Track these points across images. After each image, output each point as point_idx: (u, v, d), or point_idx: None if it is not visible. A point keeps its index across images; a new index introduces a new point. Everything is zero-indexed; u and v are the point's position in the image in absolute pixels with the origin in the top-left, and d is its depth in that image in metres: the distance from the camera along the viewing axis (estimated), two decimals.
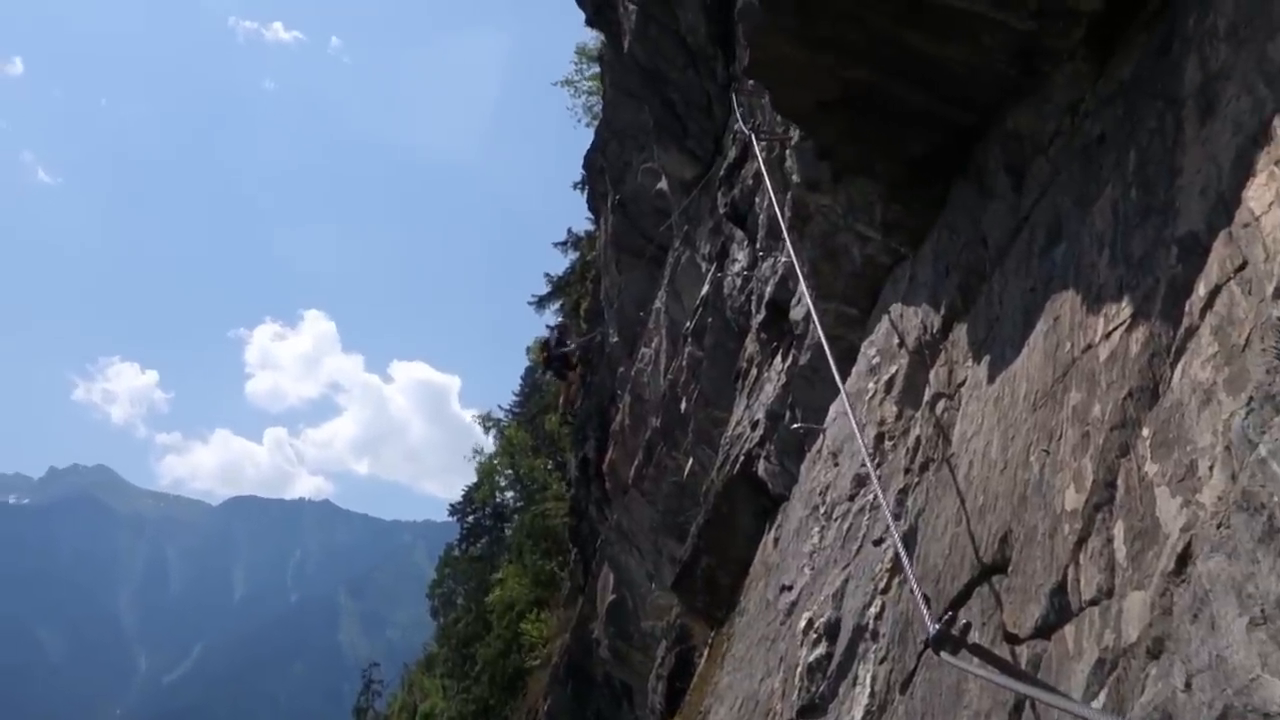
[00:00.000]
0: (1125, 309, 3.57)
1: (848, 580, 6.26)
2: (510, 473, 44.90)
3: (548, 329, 31.93)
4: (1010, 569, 3.94)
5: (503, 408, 48.90)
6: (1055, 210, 4.64)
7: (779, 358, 10.14)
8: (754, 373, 11.24)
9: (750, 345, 11.50)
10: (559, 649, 26.42)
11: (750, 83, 9.85)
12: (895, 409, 6.49)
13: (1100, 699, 2.94)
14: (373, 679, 61.10)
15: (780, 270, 9.94)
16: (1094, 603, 3.16)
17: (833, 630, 6.14)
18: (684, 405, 14.72)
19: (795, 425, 9.05)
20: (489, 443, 48.82)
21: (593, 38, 29.11)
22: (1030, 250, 4.85)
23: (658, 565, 16.46)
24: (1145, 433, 3.14)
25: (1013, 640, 3.69)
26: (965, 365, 5.54)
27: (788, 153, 8.33)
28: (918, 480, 5.67)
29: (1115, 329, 3.61)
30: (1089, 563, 3.26)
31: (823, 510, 7.47)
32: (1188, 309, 3.10)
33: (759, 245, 11.09)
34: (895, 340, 6.82)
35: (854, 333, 7.76)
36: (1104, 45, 4.53)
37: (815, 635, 6.33)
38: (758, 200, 11.12)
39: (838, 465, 7.53)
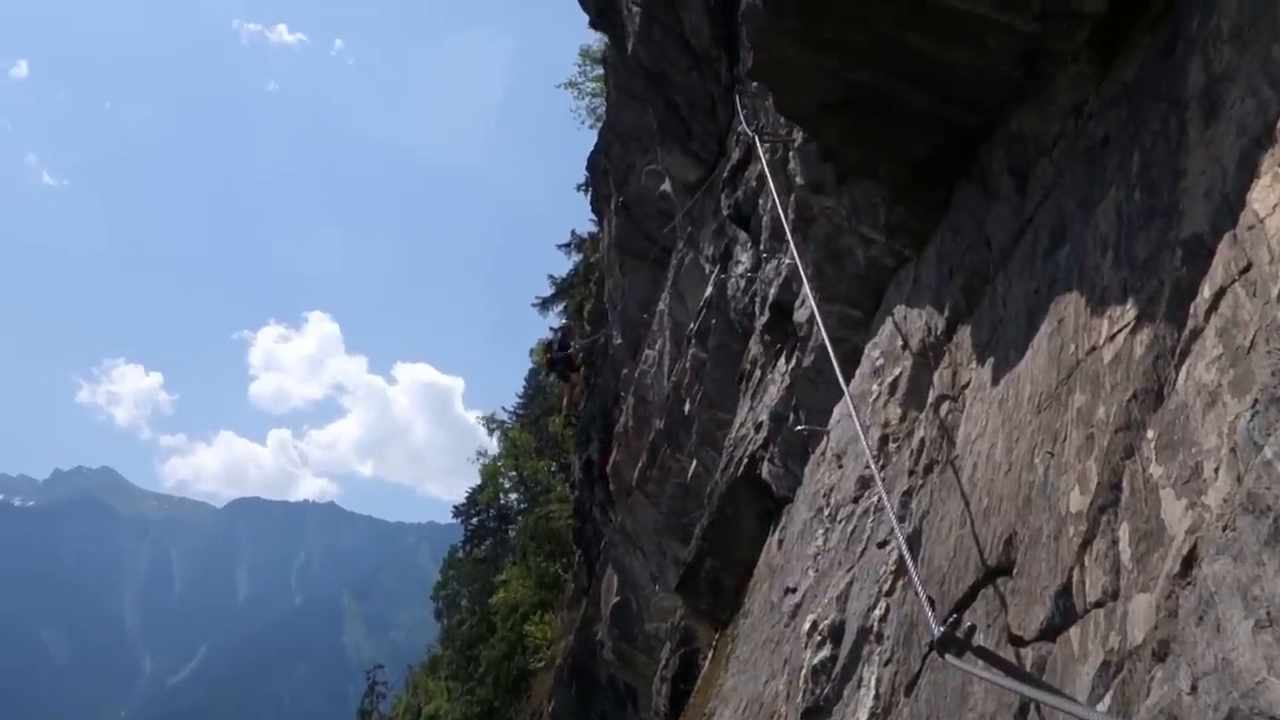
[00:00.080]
0: (1129, 311, 3.57)
1: (852, 582, 6.26)
2: (514, 475, 44.84)
3: (551, 331, 31.94)
4: (1015, 571, 3.94)
5: (506, 409, 48.85)
6: (1059, 212, 4.64)
7: (783, 359, 10.14)
8: (758, 374, 11.24)
9: (754, 347, 11.50)
10: (563, 651, 26.41)
11: (754, 85, 9.85)
12: (899, 411, 6.49)
13: (1105, 702, 2.94)
14: (377, 681, 61.09)
15: (784, 272, 9.94)
16: (1099, 605, 3.16)
17: (837, 632, 6.14)
18: (688, 407, 14.72)
19: (799, 427, 9.05)
20: (493, 445, 48.81)
21: (596, 40, 29.15)
22: (1034, 252, 4.85)
23: (662, 567, 16.46)
24: (1150, 435, 3.13)
25: (1017, 643, 3.69)
26: (969, 367, 5.54)
27: (791, 155, 8.33)
28: (922, 482, 5.66)
29: (1120, 331, 3.60)
30: (1094, 565, 3.26)
31: (827, 512, 7.47)
32: (1192, 311, 3.10)
33: (762, 247, 11.09)
34: (899, 342, 6.82)
35: (858, 335, 7.76)
36: (1108, 47, 4.53)
37: (819, 637, 6.33)
38: (761, 202, 11.12)
39: (842, 467, 7.52)
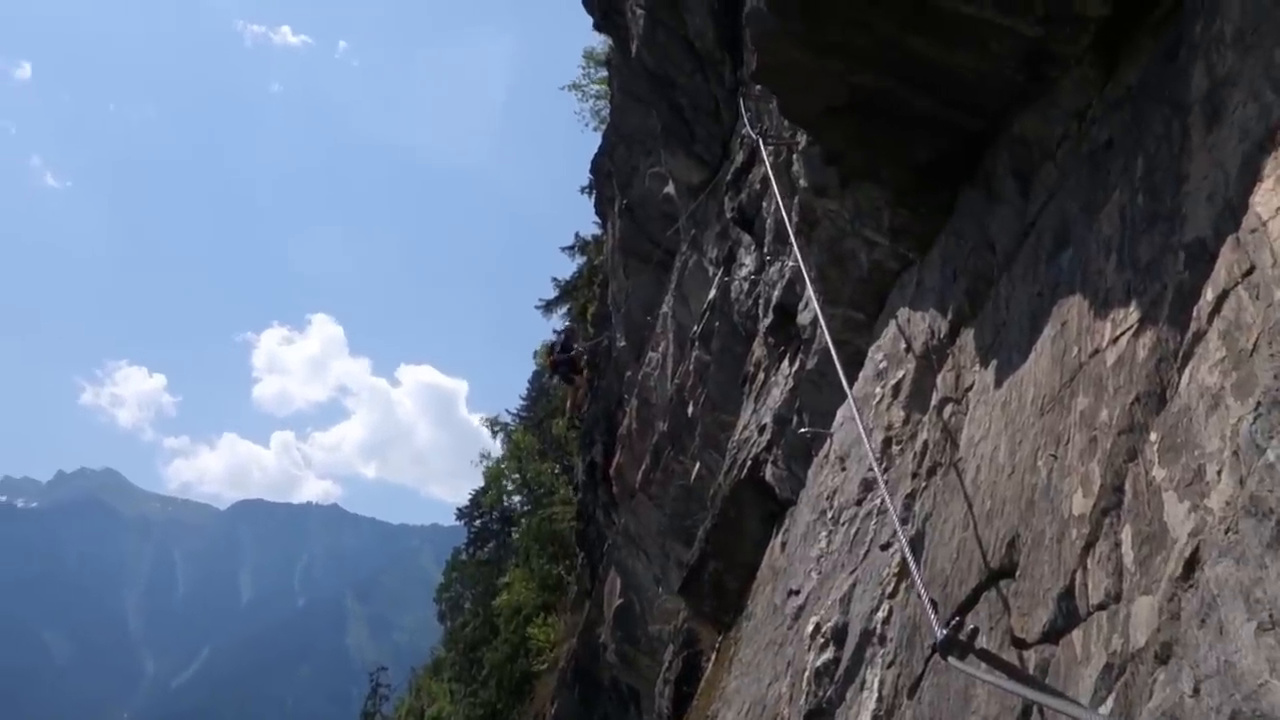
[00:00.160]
0: (1133, 314, 3.58)
1: (855, 585, 6.26)
2: (517, 477, 44.80)
3: (555, 333, 31.94)
4: (1018, 573, 3.94)
5: (510, 412, 48.82)
6: (1062, 216, 4.65)
7: (786, 362, 10.14)
8: (761, 377, 11.24)
9: (757, 350, 11.50)
10: (566, 653, 26.40)
11: (758, 87, 9.87)
12: (902, 414, 6.49)
13: (1108, 704, 2.94)
14: (380, 683, 61.07)
15: (787, 275, 9.95)
16: (1102, 607, 3.16)
17: (840, 635, 6.14)
18: (691, 409, 14.72)
19: (802, 430, 9.06)
20: (496, 447, 48.78)
21: (600, 42, 29.18)
22: (1037, 255, 4.86)
23: (665, 569, 16.45)
24: (1153, 437, 3.14)
25: (1020, 645, 3.69)
26: (972, 370, 5.54)
27: (795, 157, 8.34)
28: (925, 485, 5.67)
29: (1123, 334, 3.61)
30: (1097, 567, 3.26)
31: (830, 515, 7.47)
32: (1195, 314, 3.11)
33: (766, 250, 11.10)
34: (902, 345, 6.83)
35: (861, 337, 7.77)
36: (1111, 51, 4.54)
37: (822, 640, 6.33)
38: (765, 205, 11.12)
39: (845, 470, 7.53)
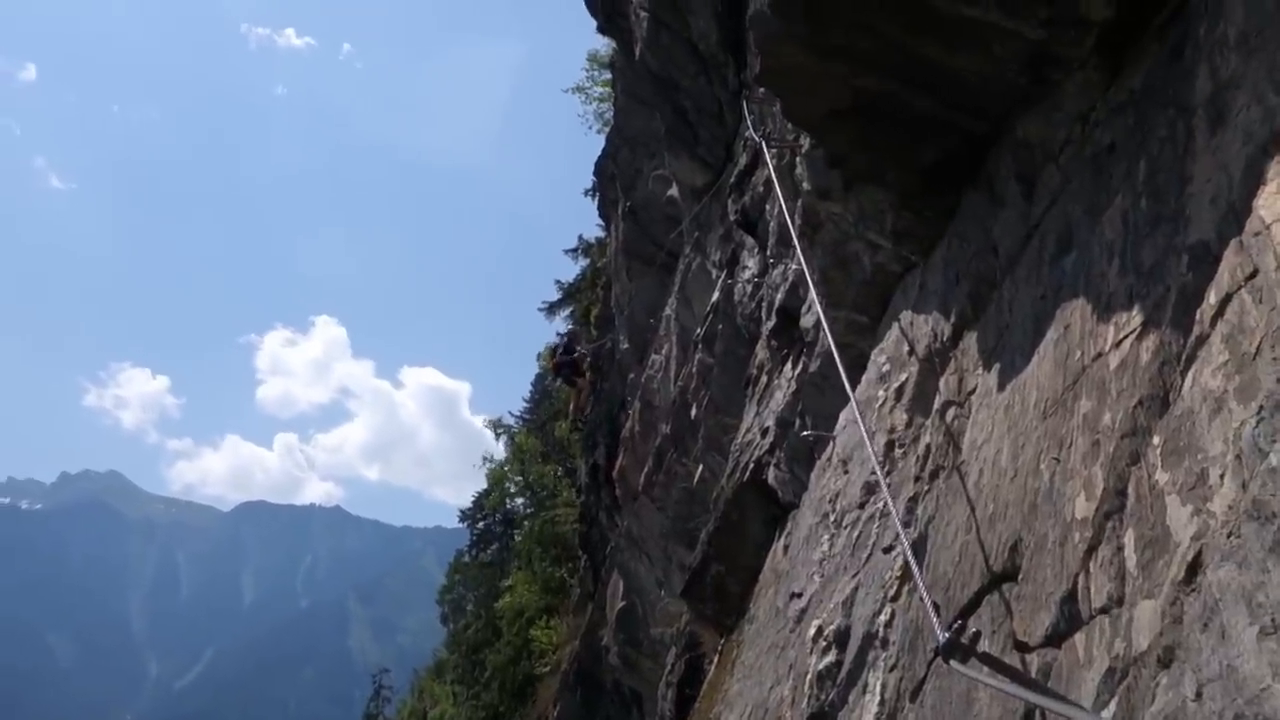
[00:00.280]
0: (1136, 317, 3.57)
1: (857, 588, 6.25)
2: (520, 479, 44.82)
3: (558, 336, 31.94)
4: (1020, 577, 3.94)
5: (513, 414, 48.85)
6: (1066, 218, 4.64)
7: (789, 365, 10.13)
8: (764, 380, 11.24)
9: (761, 352, 11.50)
10: (568, 655, 26.39)
11: (761, 90, 9.87)
12: (905, 417, 6.49)
13: (1110, 708, 2.94)
14: (383, 685, 61.16)
15: (791, 277, 9.94)
16: (1104, 611, 3.16)
17: (842, 638, 6.14)
18: (694, 412, 14.72)
19: (805, 432, 9.05)
20: (499, 449, 48.81)
21: (604, 45, 29.21)
22: (1041, 258, 4.85)
23: (667, 572, 16.44)
24: (1156, 441, 3.13)
25: (1023, 649, 3.68)
26: (975, 373, 5.54)
27: (798, 160, 8.35)
28: (928, 488, 5.66)
29: (1126, 337, 3.61)
30: (1099, 571, 3.26)
31: (832, 518, 7.46)
32: (1198, 317, 3.10)
33: (769, 252, 11.10)
34: (905, 348, 6.82)
35: (864, 340, 7.76)
36: (1115, 54, 4.53)
37: (825, 643, 6.33)
38: (768, 207, 11.12)
39: (848, 473, 7.52)
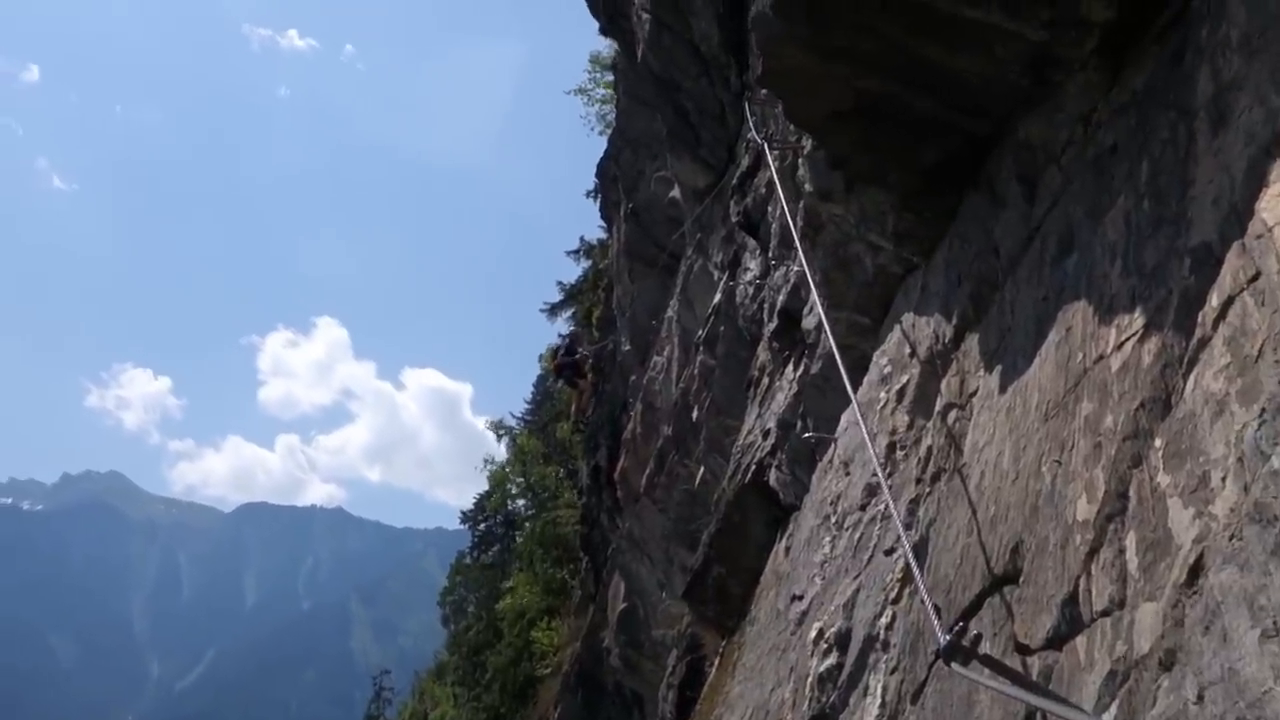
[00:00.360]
0: (1137, 319, 3.56)
1: (859, 590, 6.24)
2: (522, 480, 44.86)
3: (560, 337, 31.96)
4: (1022, 579, 3.93)
5: (515, 415, 48.91)
6: (1067, 220, 4.64)
7: (791, 367, 10.13)
8: (766, 381, 11.23)
9: (762, 354, 11.49)
10: (570, 657, 26.39)
11: (763, 92, 9.87)
12: (907, 418, 6.48)
13: (1112, 711, 2.93)
14: (384, 686, 61.19)
15: (792, 279, 9.94)
16: (1106, 614, 3.15)
17: (843, 640, 6.13)
18: (696, 414, 14.71)
19: (807, 434, 9.04)
20: (501, 450, 48.87)
21: (606, 46, 29.23)
22: (1042, 260, 4.85)
23: (669, 574, 16.43)
24: (1157, 443, 3.13)
25: (1024, 651, 3.68)
26: (977, 375, 5.53)
27: (800, 162, 8.34)
28: (929, 490, 5.65)
29: (1127, 339, 3.60)
30: (1101, 574, 3.25)
31: (834, 520, 7.45)
32: (1200, 320, 3.10)
33: (771, 254, 11.09)
34: (907, 350, 6.82)
35: (866, 342, 7.76)
36: (1116, 55, 4.53)
37: (826, 645, 6.32)
38: (770, 209, 11.12)
39: (849, 475, 7.51)
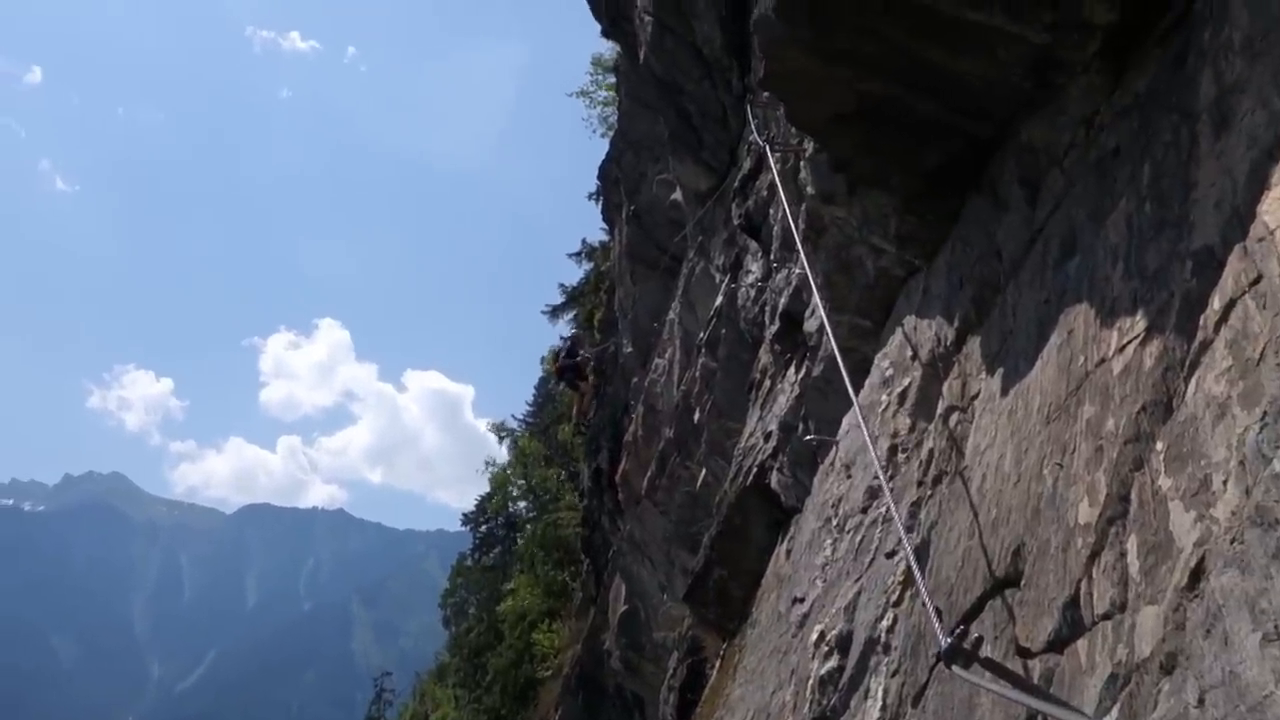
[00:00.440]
0: (1139, 322, 3.56)
1: (860, 593, 6.24)
2: (523, 483, 44.87)
3: (561, 339, 31.95)
4: (1023, 582, 3.93)
5: (516, 418, 48.90)
6: (1069, 223, 4.64)
7: (792, 369, 10.12)
8: (767, 384, 11.23)
9: (764, 357, 11.49)
10: (570, 659, 26.37)
11: (765, 94, 9.86)
12: (908, 421, 6.47)
13: (1113, 714, 2.92)
14: (385, 688, 61.16)
15: (794, 282, 9.93)
16: (1107, 617, 3.15)
17: (844, 643, 6.12)
18: (697, 416, 14.71)
19: (808, 437, 9.03)
20: (502, 452, 48.89)
21: (609, 49, 29.24)
22: (1044, 263, 4.84)
23: (670, 576, 16.43)
24: (1159, 446, 3.12)
25: (1025, 654, 3.67)
26: (979, 378, 5.53)
27: (802, 164, 8.34)
28: (930, 493, 5.65)
29: (1129, 342, 3.60)
30: (1102, 577, 3.25)
31: (835, 522, 7.45)
32: (1202, 323, 3.10)
33: (773, 257, 11.09)
34: (909, 352, 6.81)
35: (867, 345, 7.75)
36: (1119, 58, 4.53)
37: (827, 648, 6.31)
38: (772, 212, 11.12)
39: (850, 477, 7.51)
